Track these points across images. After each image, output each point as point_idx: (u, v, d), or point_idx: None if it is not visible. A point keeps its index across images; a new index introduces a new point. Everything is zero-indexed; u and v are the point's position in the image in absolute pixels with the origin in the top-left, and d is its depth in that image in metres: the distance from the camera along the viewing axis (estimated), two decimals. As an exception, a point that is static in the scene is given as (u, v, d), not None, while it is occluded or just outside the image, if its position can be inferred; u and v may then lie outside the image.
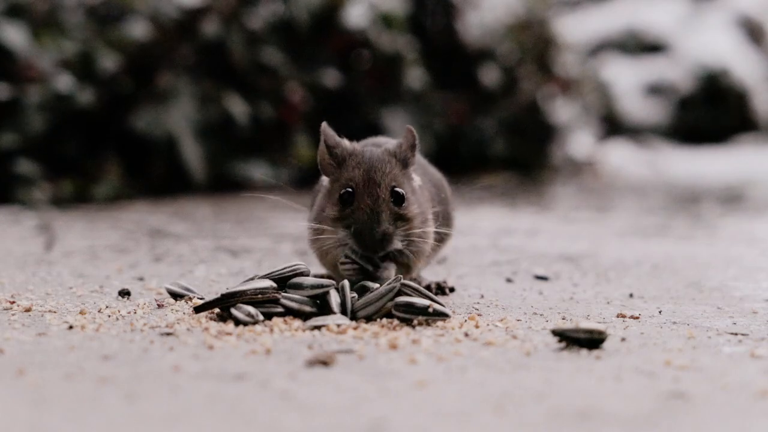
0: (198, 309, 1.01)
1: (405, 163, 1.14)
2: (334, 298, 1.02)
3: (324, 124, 1.15)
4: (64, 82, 2.49)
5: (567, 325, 0.93)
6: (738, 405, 0.74)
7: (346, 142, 1.15)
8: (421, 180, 1.17)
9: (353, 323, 0.99)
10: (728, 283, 1.33)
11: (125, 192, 2.53)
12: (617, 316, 1.07)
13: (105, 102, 2.57)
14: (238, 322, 0.98)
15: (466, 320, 1.01)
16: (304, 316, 1.00)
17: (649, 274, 1.42)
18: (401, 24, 3.36)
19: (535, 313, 1.09)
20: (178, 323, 0.99)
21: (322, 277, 1.15)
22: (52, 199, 2.35)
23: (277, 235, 1.87)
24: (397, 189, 1.11)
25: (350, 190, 1.10)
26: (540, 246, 1.76)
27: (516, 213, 2.47)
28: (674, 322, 1.05)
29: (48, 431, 0.66)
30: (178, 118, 2.62)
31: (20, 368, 0.81)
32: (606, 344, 0.92)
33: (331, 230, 1.11)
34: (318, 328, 0.97)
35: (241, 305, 1.00)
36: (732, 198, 3.05)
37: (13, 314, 1.04)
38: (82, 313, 1.04)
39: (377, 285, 1.04)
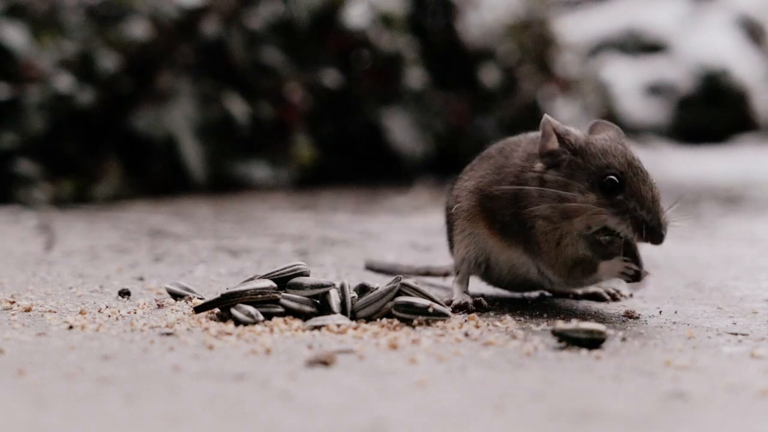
0: (198, 309, 1.01)
1: None
2: (334, 298, 1.02)
3: (546, 116, 1.09)
4: (64, 82, 2.49)
5: (567, 325, 0.93)
6: (738, 405, 0.74)
7: (573, 129, 1.11)
8: None
9: (353, 323, 0.99)
10: (728, 283, 1.33)
11: (125, 192, 2.53)
12: (617, 316, 1.07)
13: (105, 102, 2.57)
14: (238, 322, 0.98)
15: (466, 320, 1.01)
16: (304, 316, 1.01)
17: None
18: (401, 24, 3.36)
19: (536, 313, 1.09)
20: (178, 323, 0.99)
21: (322, 277, 1.15)
22: (52, 199, 2.35)
23: (277, 235, 1.87)
24: None
25: (614, 178, 1.06)
26: (540, 246, 1.75)
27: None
28: (674, 322, 1.05)
29: (48, 431, 0.66)
30: (178, 118, 2.62)
31: (20, 368, 0.81)
32: (606, 344, 0.92)
33: (589, 218, 1.06)
34: (318, 328, 0.97)
35: (241, 305, 1.00)
36: (732, 198, 3.05)
37: (13, 314, 1.04)
38: (82, 313, 1.04)
39: (377, 285, 1.04)
